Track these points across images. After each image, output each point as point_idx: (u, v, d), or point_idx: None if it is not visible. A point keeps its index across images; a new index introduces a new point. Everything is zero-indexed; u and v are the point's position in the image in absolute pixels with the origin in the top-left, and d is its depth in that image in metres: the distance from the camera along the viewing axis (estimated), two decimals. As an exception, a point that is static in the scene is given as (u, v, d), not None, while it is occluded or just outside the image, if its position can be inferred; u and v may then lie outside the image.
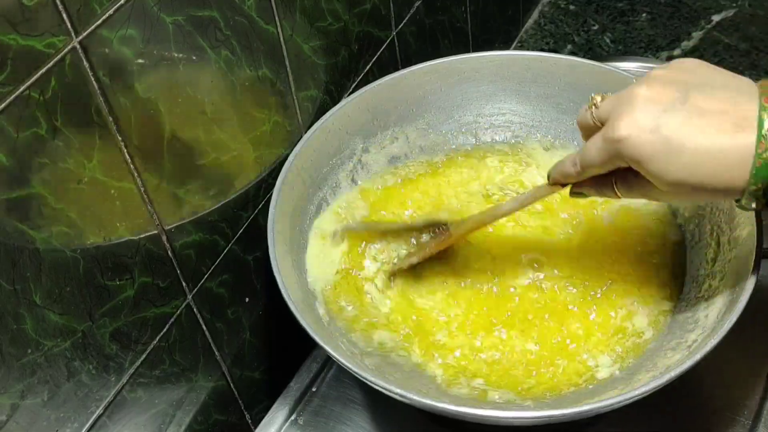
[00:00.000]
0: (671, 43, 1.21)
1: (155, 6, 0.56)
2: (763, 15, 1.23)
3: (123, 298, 0.61)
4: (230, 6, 0.63)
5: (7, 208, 0.49)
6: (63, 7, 0.49)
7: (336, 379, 0.79)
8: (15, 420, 0.53)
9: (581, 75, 0.83)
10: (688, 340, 0.68)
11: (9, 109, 0.48)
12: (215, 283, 0.71)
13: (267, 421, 0.77)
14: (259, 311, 0.79)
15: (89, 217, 0.56)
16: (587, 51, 1.22)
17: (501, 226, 0.79)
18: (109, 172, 0.56)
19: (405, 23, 0.90)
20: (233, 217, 0.72)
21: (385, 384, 0.62)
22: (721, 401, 0.74)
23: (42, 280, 0.53)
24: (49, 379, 0.55)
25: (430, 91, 0.85)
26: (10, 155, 0.49)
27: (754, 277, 0.64)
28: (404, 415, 0.75)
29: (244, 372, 0.79)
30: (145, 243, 0.61)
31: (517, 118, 0.87)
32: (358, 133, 0.82)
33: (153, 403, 0.67)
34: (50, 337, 0.55)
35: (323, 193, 0.80)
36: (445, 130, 0.87)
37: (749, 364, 0.76)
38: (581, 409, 0.61)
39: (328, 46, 0.78)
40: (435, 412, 0.64)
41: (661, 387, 0.61)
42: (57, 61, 0.50)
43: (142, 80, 0.57)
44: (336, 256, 0.76)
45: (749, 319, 0.63)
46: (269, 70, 0.71)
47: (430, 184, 0.85)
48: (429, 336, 0.72)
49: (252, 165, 0.73)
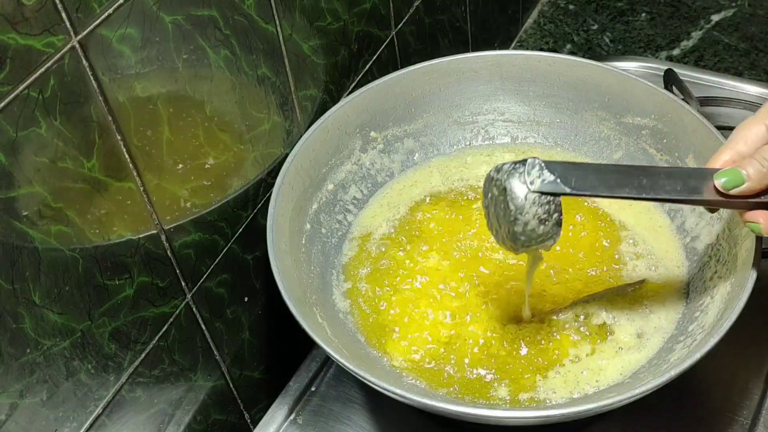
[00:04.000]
0: (671, 43, 1.21)
1: (154, 5, 0.56)
2: (762, 15, 1.23)
3: (122, 298, 0.60)
4: (230, 5, 0.63)
5: (6, 208, 0.49)
6: (62, 6, 0.49)
7: (335, 378, 0.79)
8: (14, 419, 0.53)
9: (580, 75, 0.83)
10: (687, 340, 0.68)
11: (8, 109, 0.47)
12: (214, 282, 0.71)
13: (266, 420, 0.77)
14: (259, 311, 0.78)
15: (88, 216, 0.56)
16: (587, 50, 1.22)
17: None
18: (109, 172, 0.56)
19: (404, 23, 0.90)
20: (233, 216, 0.72)
21: (385, 384, 0.62)
22: (720, 401, 0.74)
23: (41, 279, 0.53)
24: (48, 379, 0.55)
25: (430, 90, 0.85)
26: (10, 154, 0.49)
27: (754, 276, 0.64)
28: (404, 415, 0.75)
29: (243, 371, 0.79)
30: (145, 242, 0.61)
31: (516, 117, 0.87)
32: (358, 133, 0.82)
33: (152, 402, 0.67)
34: (49, 337, 0.54)
35: (324, 193, 0.80)
36: (444, 130, 0.87)
37: (749, 364, 0.76)
38: (581, 408, 0.62)
39: (328, 45, 0.78)
40: (435, 412, 0.64)
41: (661, 387, 0.61)
42: (56, 61, 0.50)
43: (142, 79, 0.57)
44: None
45: (749, 318, 0.63)
46: (269, 70, 0.70)
47: (429, 183, 0.85)
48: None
49: (251, 164, 0.73)
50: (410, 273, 0.77)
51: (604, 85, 0.82)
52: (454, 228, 0.81)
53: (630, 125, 0.82)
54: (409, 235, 0.81)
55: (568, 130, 0.86)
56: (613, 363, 0.70)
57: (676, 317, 0.72)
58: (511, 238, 0.63)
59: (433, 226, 0.81)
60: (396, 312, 0.75)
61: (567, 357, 0.70)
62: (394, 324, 0.74)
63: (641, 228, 0.79)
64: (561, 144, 0.86)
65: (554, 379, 0.69)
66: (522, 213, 0.61)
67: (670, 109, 0.79)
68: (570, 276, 0.76)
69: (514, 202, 0.61)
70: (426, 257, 0.78)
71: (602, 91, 0.83)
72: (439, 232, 0.80)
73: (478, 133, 0.88)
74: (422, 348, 0.72)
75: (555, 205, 0.61)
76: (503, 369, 0.70)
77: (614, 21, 1.26)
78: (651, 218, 0.80)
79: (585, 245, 0.78)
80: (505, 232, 0.63)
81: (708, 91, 0.99)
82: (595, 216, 0.80)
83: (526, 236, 0.62)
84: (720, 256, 0.71)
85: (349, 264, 0.79)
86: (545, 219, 0.61)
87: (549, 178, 0.61)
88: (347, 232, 0.81)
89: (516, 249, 0.64)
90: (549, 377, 0.70)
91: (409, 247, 0.79)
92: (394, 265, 0.78)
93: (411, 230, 0.81)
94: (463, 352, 0.72)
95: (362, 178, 0.83)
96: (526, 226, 0.61)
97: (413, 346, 0.72)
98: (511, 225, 0.62)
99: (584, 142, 0.85)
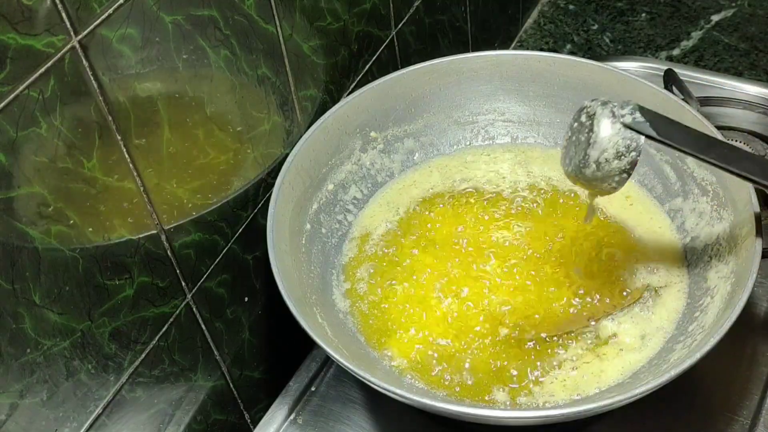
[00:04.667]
0: (671, 43, 1.21)
1: (154, 5, 0.56)
2: (762, 15, 1.23)
3: (122, 298, 0.60)
4: (230, 5, 0.63)
5: (6, 208, 0.49)
6: (62, 6, 0.49)
7: (335, 378, 0.79)
8: (14, 419, 0.53)
9: (580, 75, 0.83)
10: (687, 340, 0.68)
11: (8, 109, 0.47)
12: (214, 282, 0.71)
13: (266, 420, 0.77)
14: (259, 311, 0.78)
15: (88, 216, 0.56)
16: (587, 51, 1.22)
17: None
18: (109, 172, 0.56)
19: (404, 23, 0.90)
20: (233, 216, 0.72)
21: (385, 384, 0.62)
22: (720, 401, 0.74)
23: (41, 279, 0.53)
24: (48, 379, 0.55)
25: (430, 90, 0.85)
26: (10, 154, 0.49)
27: (754, 276, 0.64)
28: (404, 415, 0.75)
29: (243, 371, 0.79)
30: (145, 242, 0.61)
31: (516, 117, 0.87)
32: (358, 133, 0.82)
33: (152, 402, 0.67)
34: (49, 337, 0.54)
35: (324, 193, 0.80)
36: (444, 130, 0.87)
37: (749, 364, 0.76)
38: (581, 408, 0.62)
39: (328, 45, 0.78)
40: (435, 412, 0.64)
41: (661, 387, 0.61)
42: (56, 61, 0.50)
43: (142, 79, 0.57)
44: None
45: (749, 318, 0.63)
46: (269, 70, 0.70)
47: (429, 183, 0.85)
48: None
49: (251, 164, 0.73)
50: (410, 273, 0.77)
51: (604, 85, 0.82)
52: (455, 228, 0.81)
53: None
54: (409, 235, 0.81)
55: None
56: (613, 364, 0.70)
57: (676, 317, 0.72)
58: (581, 164, 0.64)
59: (433, 226, 0.81)
60: (396, 312, 0.75)
61: (568, 359, 0.70)
62: (394, 324, 0.74)
63: (642, 228, 0.79)
64: (561, 144, 0.86)
65: (555, 380, 0.69)
66: (603, 139, 0.62)
67: (670, 109, 0.78)
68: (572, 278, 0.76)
69: (599, 126, 0.62)
70: (426, 257, 0.78)
71: (602, 91, 0.82)
72: (439, 233, 0.80)
73: (478, 133, 0.88)
74: (422, 348, 0.72)
75: (636, 144, 0.62)
76: (503, 370, 0.70)
77: (614, 21, 1.26)
78: (651, 218, 0.80)
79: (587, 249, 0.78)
80: (579, 158, 0.64)
81: (708, 91, 0.99)
82: (596, 217, 0.80)
83: (597, 164, 0.63)
84: (720, 256, 0.71)
85: (349, 264, 0.79)
86: (622, 153, 0.62)
87: (640, 118, 0.62)
88: (347, 232, 0.81)
89: (580, 177, 0.65)
90: (549, 379, 0.69)
91: (409, 248, 0.79)
92: (394, 265, 0.78)
93: (411, 230, 0.81)
94: (463, 352, 0.72)
95: (362, 178, 0.84)
96: (602, 154, 0.62)
97: (413, 346, 0.72)
98: (588, 148, 0.63)
99: (584, 142, 0.85)
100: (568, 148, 0.66)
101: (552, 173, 0.84)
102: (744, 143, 0.92)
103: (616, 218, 0.80)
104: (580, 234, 0.79)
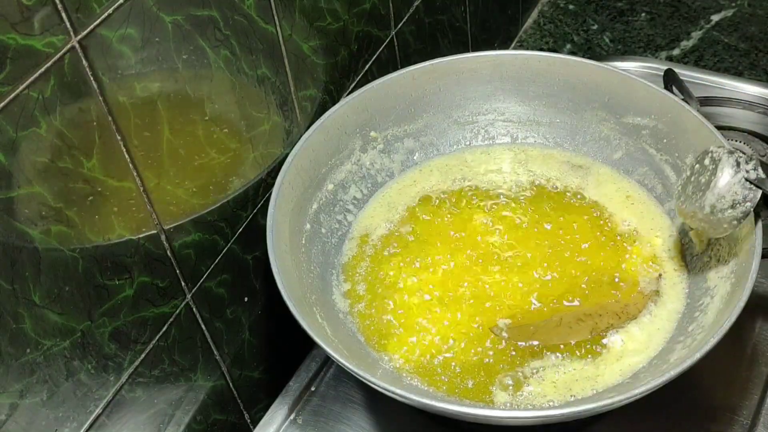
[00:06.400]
0: (670, 43, 1.21)
1: (154, 5, 0.56)
2: (762, 15, 1.23)
3: (122, 298, 0.60)
4: (230, 5, 0.63)
5: (6, 208, 0.49)
6: (62, 6, 0.49)
7: (335, 378, 0.79)
8: (14, 419, 0.53)
9: (580, 74, 0.83)
10: (687, 340, 0.68)
11: (8, 109, 0.47)
12: (214, 282, 0.71)
13: (266, 420, 0.77)
14: (259, 311, 0.78)
15: (88, 216, 0.56)
16: (586, 50, 1.22)
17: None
18: (109, 172, 0.56)
19: (404, 23, 0.90)
20: (232, 216, 0.72)
21: (385, 384, 0.62)
22: (720, 401, 0.74)
23: (41, 279, 0.53)
24: (48, 379, 0.55)
25: (430, 90, 0.85)
26: (10, 154, 0.49)
27: (754, 276, 0.64)
28: (404, 415, 0.75)
29: (243, 371, 0.79)
30: (145, 242, 0.61)
31: (516, 117, 0.87)
32: (358, 133, 0.82)
33: (152, 402, 0.67)
34: (49, 337, 0.54)
35: (324, 193, 0.80)
36: (443, 130, 0.87)
37: (749, 364, 0.76)
38: (581, 408, 0.62)
39: (328, 45, 0.78)
40: (435, 412, 0.64)
41: (661, 386, 0.61)
42: (56, 61, 0.50)
43: (142, 80, 0.57)
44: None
45: (749, 318, 0.63)
46: (268, 70, 0.70)
47: (429, 183, 0.85)
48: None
49: (251, 164, 0.73)
50: (410, 273, 0.77)
51: (604, 85, 0.82)
52: (454, 228, 0.81)
53: (630, 125, 0.82)
54: (409, 235, 0.81)
55: (568, 130, 0.86)
56: (613, 364, 0.70)
57: (676, 317, 0.72)
58: (697, 204, 0.67)
59: (433, 226, 0.81)
60: (396, 312, 0.75)
61: (569, 360, 0.70)
62: (393, 324, 0.74)
63: (643, 229, 0.79)
64: (561, 144, 0.86)
65: (555, 381, 0.69)
66: (723, 187, 0.65)
67: (670, 109, 0.79)
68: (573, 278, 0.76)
69: (722, 173, 0.66)
70: (426, 258, 0.78)
71: (602, 91, 0.83)
72: (439, 233, 0.80)
73: (478, 133, 0.88)
74: (422, 348, 0.72)
75: (753, 197, 0.65)
76: (503, 370, 0.70)
77: (614, 21, 1.26)
78: (653, 219, 0.80)
79: (587, 251, 0.78)
80: (695, 197, 0.67)
81: (708, 91, 0.99)
82: (597, 217, 0.80)
83: (711, 208, 0.66)
84: (720, 256, 0.71)
85: (348, 264, 0.79)
86: (738, 203, 0.65)
87: (762, 175, 0.66)
88: (347, 232, 0.81)
89: (692, 216, 0.68)
90: (550, 379, 0.69)
91: (409, 248, 0.79)
92: (394, 265, 0.78)
93: (411, 230, 0.81)
94: (463, 353, 0.72)
95: (362, 178, 0.84)
96: (720, 200, 0.66)
97: (413, 346, 0.72)
98: (708, 191, 0.66)
99: (584, 142, 0.85)
100: (686, 186, 0.70)
101: (552, 173, 0.84)
102: (744, 143, 0.92)
103: (618, 218, 0.80)
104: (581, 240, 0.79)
